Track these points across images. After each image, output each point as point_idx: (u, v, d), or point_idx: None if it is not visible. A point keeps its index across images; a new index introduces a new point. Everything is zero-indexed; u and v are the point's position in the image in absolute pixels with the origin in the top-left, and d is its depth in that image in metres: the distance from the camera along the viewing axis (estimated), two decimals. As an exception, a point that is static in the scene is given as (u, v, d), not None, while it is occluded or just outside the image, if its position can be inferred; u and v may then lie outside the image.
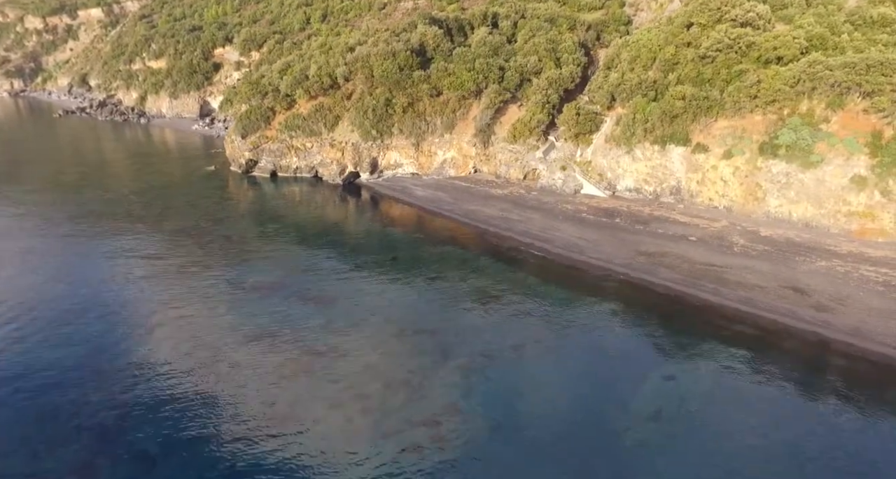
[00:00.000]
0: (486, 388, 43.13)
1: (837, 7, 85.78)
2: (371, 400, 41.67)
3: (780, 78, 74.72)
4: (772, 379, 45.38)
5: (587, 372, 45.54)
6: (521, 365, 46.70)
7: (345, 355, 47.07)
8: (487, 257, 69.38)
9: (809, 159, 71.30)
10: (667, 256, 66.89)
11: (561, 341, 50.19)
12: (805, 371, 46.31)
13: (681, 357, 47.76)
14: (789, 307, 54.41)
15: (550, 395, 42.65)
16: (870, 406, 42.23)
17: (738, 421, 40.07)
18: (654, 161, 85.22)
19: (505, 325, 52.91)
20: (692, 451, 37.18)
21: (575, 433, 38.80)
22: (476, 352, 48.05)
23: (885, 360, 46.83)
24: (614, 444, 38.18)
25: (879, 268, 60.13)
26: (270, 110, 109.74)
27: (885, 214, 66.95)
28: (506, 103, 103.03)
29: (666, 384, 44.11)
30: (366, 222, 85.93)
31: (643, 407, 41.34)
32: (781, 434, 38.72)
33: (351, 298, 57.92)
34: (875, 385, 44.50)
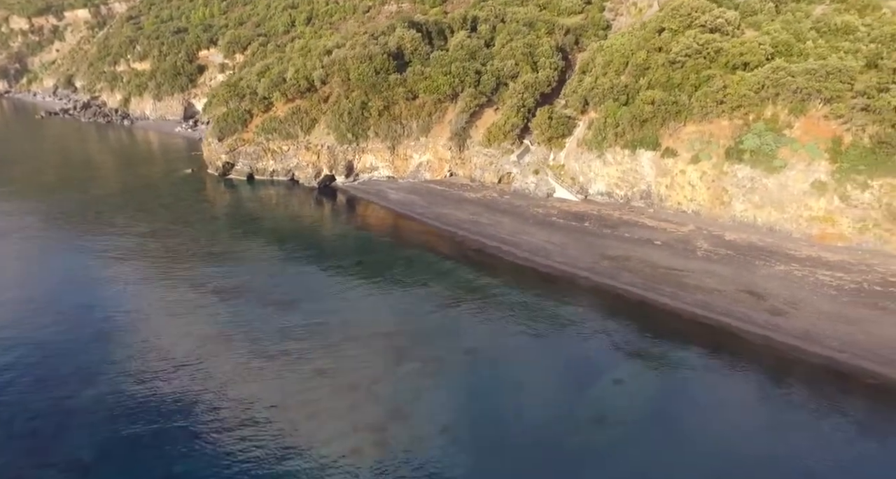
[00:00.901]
0: (435, 393, 43.85)
1: (805, 14, 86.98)
2: (317, 405, 42.27)
3: (745, 83, 75.79)
4: (719, 382, 46.36)
5: (536, 376, 46.32)
6: (472, 369, 47.49)
7: (296, 360, 47.71)
8: (453, 261, 70.09)
9: (772, 164, 72.31)
10: (631, 260, 67.74)
11: (515, 346, 51.00)
12: (752, 374, 47.31)
13: (632, 361, 48.64)
14: (744, 311, 55.32)
15: (497, 399, 43.40)
16: (811, 406, 43.23)
17: (681, 424, 40.93)
18: (625, 165, 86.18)
19: (462, 329, 53.71)
20: (634, 453, 37.94)
21: (518, 436, 39.56)
22: (429, 356, 48.83)
23: (829, 363, 47.80)
24: (558, 447, 38.91)
25: (835, 272, 61.08)
26: (248, 113, 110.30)
27: (844, 219, 67.97)
28: (482, 107, 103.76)
29: (613, 388, 44.99)
30: (337, 226, 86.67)
31: (588, 411, 42.21)
32: (725, 434, 39.58)
33: (312, 301, 58.62)
34: (817, 386, 45.41)
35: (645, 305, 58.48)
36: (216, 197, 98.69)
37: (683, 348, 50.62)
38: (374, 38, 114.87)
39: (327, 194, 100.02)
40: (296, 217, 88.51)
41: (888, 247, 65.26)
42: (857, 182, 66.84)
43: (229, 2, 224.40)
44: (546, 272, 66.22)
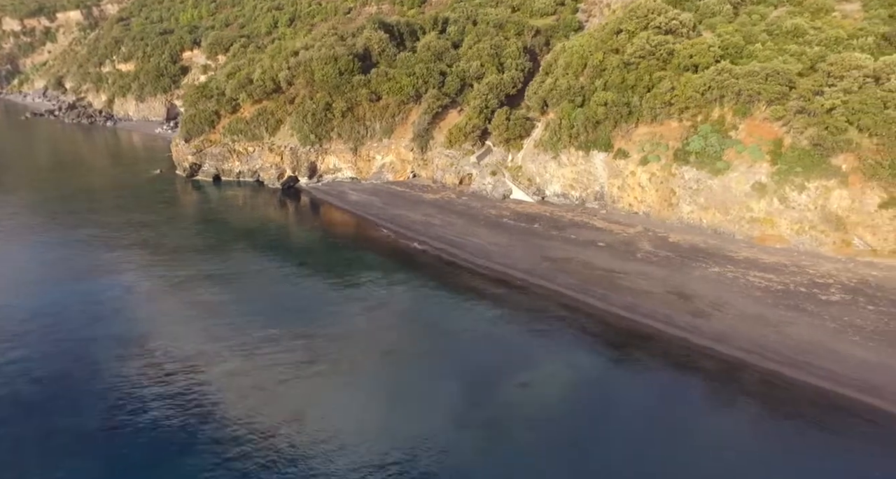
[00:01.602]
0: (340, 395, 44.37)
1: (760, 17, 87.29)
2: (218, 407, 42.89)
3: (692, 85, 76.18)
4: (628, 384, 46.84)
5: (443, 379, 46.83)
6: (383, 371, 48.01)
7: (208, 362, 48.32)
8: (395, 261, 70.76)
9: (716, 166, 72.70)
10: (571, 261, 68.20)
11: (433, 348, 51.61)
12: (657, 376, 47.63)
13: (545, 364, 49.18)
14: (668, 313, 55.74)
15: (398, 402, 43.89)
16: (706, 405, 43.65)
17: (572, 425, 41.36)
18: (579, 167, 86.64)
19: (385, 330, 54.35)
20: (534, 456, 38.47)
21: (411, 438, 40.03)
22: (344, 358, 49.45)
23: (740, 363, 48.21)
24: (453, 449, 39.38)
25: (766, 274, 61.42)
26: (215, 114, 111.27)
27: (783, 221, 68.30)
28: (445, 108, 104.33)
29: (515, 391, 45.39)
30: (288, 227, 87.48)
31: (485, 413, 42.62)
32: (632, 435, 40.05)
33: (240, 302, 59.40)
34: (717, 386, 45.90)
35: (573, 306, 58.89)
36: (176, 198, 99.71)
37: (601, 349, 51.27)
38: (342, 40, 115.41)
39: (290, 196, 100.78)
40: (250, 218, 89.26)
41: (823, 248, 65.52)
42: (794, 184, 67.17)
43: (218, 3, 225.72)
44: (484, 274, 66.75)
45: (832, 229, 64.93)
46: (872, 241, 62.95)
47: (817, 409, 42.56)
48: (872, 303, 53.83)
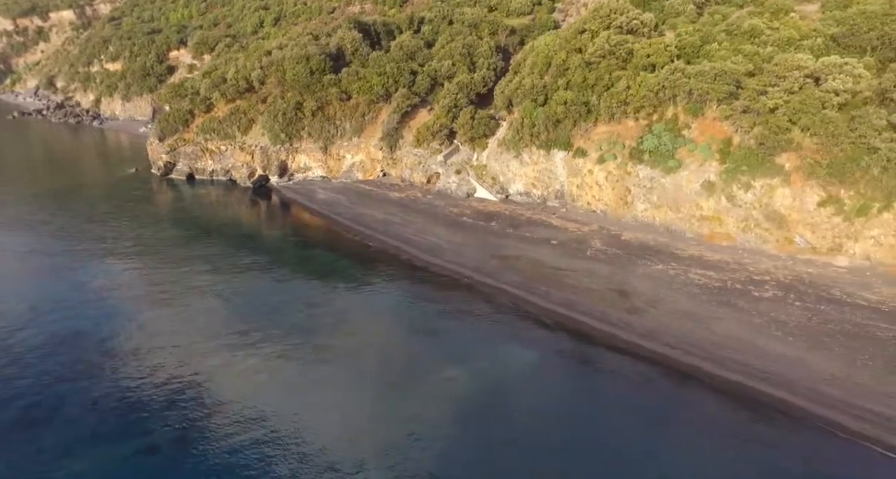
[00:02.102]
0: (266, 390, 45.75)
1: (723, 17, 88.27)
2: (136, 402, 44.32)
3: (647, 85, 77.27)
4: (548, 380, 48.09)
5: (370, 373, 48.08)
6: (309, 365, 49.32)
7: (139, 357, 49.76)
8: (349, 260, 72.21)
9: (668, 165, 73.85)
10: (521, 259, 69.44)
11: (367, 343, 52.84)
12: (584, 370, 49.02)
13: (473, 360, 50.30)
14: (603, 310, 56.97)
15: (319, 397, 45.23)
16: (629, 401, 44.95)
17: (505, 420, 42.69)
18: (541, 165, 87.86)
19: (323, 326, 55.77)
20: (441, 446, 39.86)
21: (329, 430, 41.42)
22: (276, 353, 50.78)
23: (662, 358, 49.38)
24: (365, 441, 40.74)
25: (707, 271, 62.60)
26: (189, 113, 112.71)
27: (730, 219, 69.42)
28: (415, 108, 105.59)
29: (442, 386, 46.68)
30: (250, 225, 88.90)
31: (408, 408, 43.94)
32: (547, 431, 41.35)
33: (188, 300, 60.88)
34: (642, 381, 47.32)
35: (513, 303, 60.10)
36: (145, 196, 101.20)
37: (533, 345, 52.70)
38: (315, 39, 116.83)
39: (261, 194, 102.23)
40: (214, 217, 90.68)
41: (767, 246, 66.64)
42: (741, 182, 68.26)
43: (208, 3, 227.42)
44: (434, 272, 68.13)
45: (775, 227, 66.00)
46: (812, 239, 64.05)
47: (728, 402, 43.74)
48: (801, 299, 54.94)
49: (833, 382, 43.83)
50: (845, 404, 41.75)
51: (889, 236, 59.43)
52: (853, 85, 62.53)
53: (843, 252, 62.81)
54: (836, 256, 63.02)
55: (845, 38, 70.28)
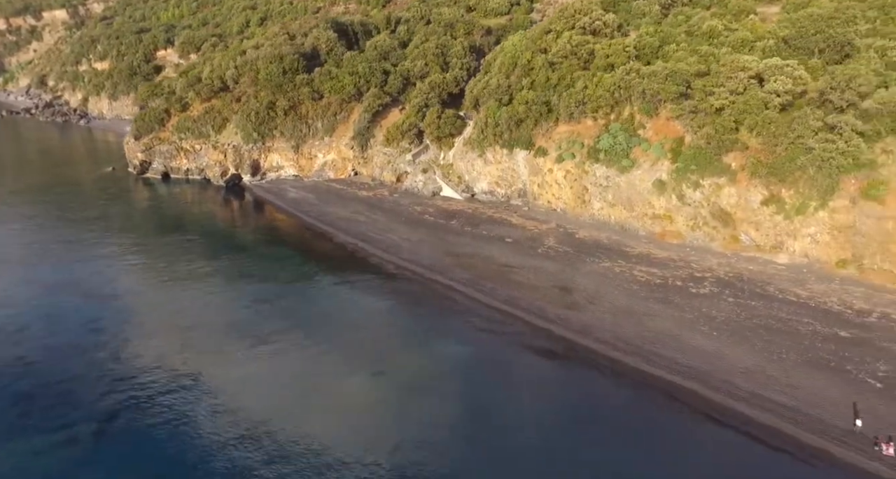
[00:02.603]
0: (193, 387, 47.53)
1: (686, 18, 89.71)
2: (70, 394, 46.21)
3: (603, 85, 78.80)
4: (478, 373, 49.73)
5: (298, 368, 49.76)
6: (242, 360, 51.02)
7: (73, 352, 51.64)
8: (306, 256, 74.17)
9: (622, 164, 75.43)
10: (474, 257, 71.11)
11: (303, 337, 54.40)
12: (514, 362, 50.50)
13: (406, 354, 51.98)
14: (542, 306, 58.56)
15: (252, 386, 47.04)
16: (548, 392, 46.72)
17: (430, 412, 44.45)
18: (504, 164, 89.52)
19: (263, 321, 57.35)
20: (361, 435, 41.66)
21: (245, 423, 43.18)
22: (210, 348, 52.53)
23: (591, 352, 50.98)
24: (290, 430, 42.52)
25: (651, 268, 64.15)
26: (165, 112, 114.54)
27: (680, 217, 70.95)
28: (387, 107, 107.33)
29: (370, 380, 48.36)
30: (219, 223, 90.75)
31: (331, 400, 45.69)
32: (462, 418, 43.17)
33: (135, 295, 62.71)
34: (566, 373, 49.48)
35: (457, 300, 61.70)
36: (118, 195, 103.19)
37: (466, 341, 54.16)
38: (291, 39, 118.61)
39: (234, 193, 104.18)
40: (181, 215, 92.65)
41: (714, 244, 68.18)
42: (690, 181, 69.76)
43: (199, 2, 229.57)
44: (387, 268, 69.99)
45: (722, 226, 67.52)
46: (756, 237, 65.54)
47: (644, 394, 45.28)
48: (735, 295, 56.47)
49: (745, 374, 45.35)
50: (752, 395, 43.25)
51: (824, 234, 60.90)
52: (793, 86, 63.72)
53: (785, 250, 64.28)
54: (777, 253, 64.46)
55: (795, 41, 71.54)
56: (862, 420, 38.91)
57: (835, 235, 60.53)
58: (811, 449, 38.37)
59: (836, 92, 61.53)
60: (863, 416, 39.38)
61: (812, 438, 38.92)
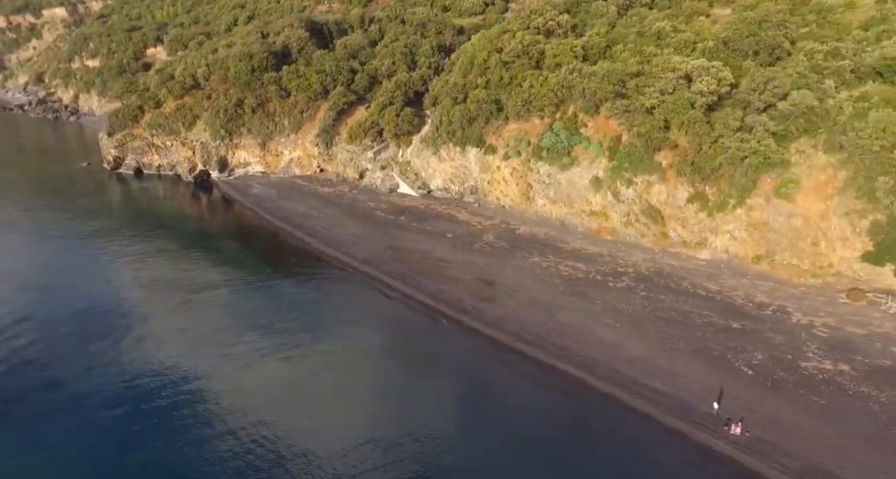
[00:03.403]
0: (114, 368, 50.49)
1: (640, 20, 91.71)
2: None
3: (547, 84, 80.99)
4: (384, 359, 52.37)
5: (202, 356, 52.37)
6: (157, 348, 53.77)
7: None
8: (251, 249, 77.24)
9: (563, 162, 77.57)
10: (412, 251, 73.60)
11: (225, 326, 57.16)
12: (419, 347, 53.45)
13: (318, 341, 54.55)
14: (461, 298, 60.96)
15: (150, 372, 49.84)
16: (445, 378, 49.19)
17: (321, 389, 47.10)
18: (457, 162, 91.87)
19: (192, 311, 60.24)
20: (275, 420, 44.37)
21: (145, 407, 45.98)
22: (133, 336, 55.31)
23: (494, 342, 53.48)
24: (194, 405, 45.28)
25: (578, 263, 66.37)
26: (139, 109, 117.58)
27: (614, 214, 73.08)
28: (353, 105, 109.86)
29: (278, 365, 50.99)
30: (177, 217, 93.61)
31: (228, 384, 48.33)
32: (356, 398, 45.82)
33: (73, 287, 65.54)
34: (467, 360, 51.81)
35: (383, 292, 64.13)
36: (88, 189, 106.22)
37: (380, 329, 56.63)
38: (264, 37, 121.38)
39: (202, 189, 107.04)
40: (144, 209, 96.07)
41: (644, 240, 70.29)
42: (624, 179, 71.86)
43: (194, 1, 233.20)
44: (327, 261, 72.72)
45: (652, 222, 69.60)
46: (683, 233, 67.61)
47: (538, 381, 47.84)
48: (648, 290, 58.61)
49: (633, 363, 47.54)
50: (634, 382, 45.43)
51: (741, 231, 62.89)
52: (717, 86, 65.68)
53: (708, 246, 66.34)
54: (701, 250, 66.51)
55: (733, 43, 73.42)
56: (721, 404, 40.90)
57: (751, 232, 62.43)
58: (671, 431, 40.46)
59: (756, 93, 63.32)
60: (726, 400, 41.33)
61: (673, 420, 41.02)
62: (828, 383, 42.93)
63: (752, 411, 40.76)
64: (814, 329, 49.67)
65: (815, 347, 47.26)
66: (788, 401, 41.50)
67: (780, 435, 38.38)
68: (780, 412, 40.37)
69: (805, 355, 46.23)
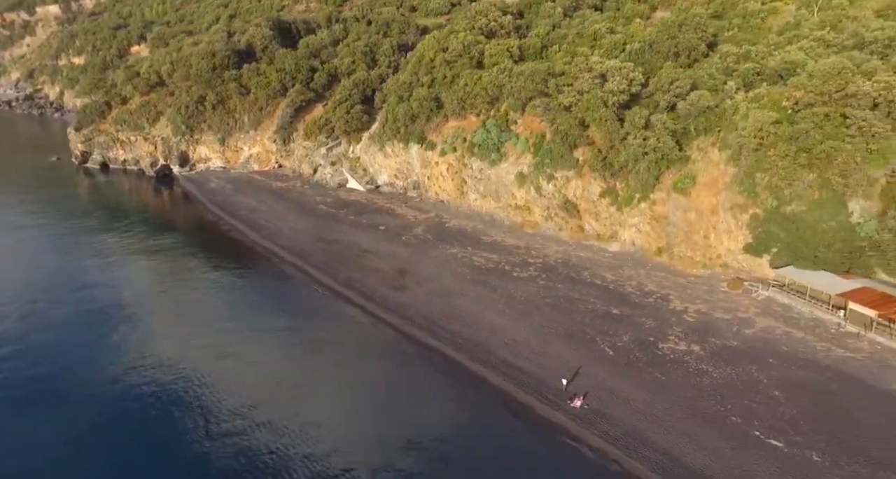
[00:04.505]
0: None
1: (581, 21, 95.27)
2: None
3: (481, 83, 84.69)
4: (278, 340, 56.12)
5: (114, 340, 56.43)
6: (80, 331, 57.92)
7: None
8: (188, 240, 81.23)
9: (492, 158, 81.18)
10: (341, 243, 77.39)
11: (144, 307, 61.36)
12: (313, 333, 57.38)
13: (217, 325, 58.41)
14: (375, 287, 64.62)
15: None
16: (353, 356, 52.78)
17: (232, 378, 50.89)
18: (401, 158, 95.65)
19: (109, 293, 64.28)
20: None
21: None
22: (46, 321, 59.42)
23: (388, 327, 57.03)
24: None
25: (492, 254, 69.95)
26: (106, 105, 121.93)
27: (537, 208, 76.67)
28: (311, 103, 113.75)
29: (168, 344, 54.89)
30: (127, 209, 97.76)
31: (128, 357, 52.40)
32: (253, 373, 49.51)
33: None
34: (358, 342, 55.30)
35: (302, 280, 67.99)
36: (53, 182, 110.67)
37: (299, 314, 60.60)
38: (229, 36, 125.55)
39: (164, 183, 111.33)
40: (100, 201, 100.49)
41: (562, 233, 73.90)
42: (546, 174, 75.39)
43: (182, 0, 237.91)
44: (259, 252, 76.66)
45: (570, 216, 73.18)
46: (597, 226, 71.15)
47: (418, 360, 51.64)
48: (548, 279, 62.27)
49: (509, 345, 51.08)
50: (503, 362, 48.96)
51: (646, 224, 66.36)
52: (628, 86, 69.20)
53: (618, 239, 69.79)
54: (611, 242, 70.06)
55: (656, 45, 76.88)
56: (573, 381, 44.55)
57: (654, 225, 65.92)
58: (521, 404, 44.03)
59: (661, 93, 66.81)
60: (582, 378, 45.05)
61: (525, 396, 44.53)
62: (675, 361, 46.20)
63: (600, 387, 44.19)
64: (685, 315, 52.90)
65: (679, 330, 50.45)
66: (634, 378, 44.87)
67: (613, 407, 41.86)
68: (622, 388, 43.80)
69: (666, 338, 49.52)
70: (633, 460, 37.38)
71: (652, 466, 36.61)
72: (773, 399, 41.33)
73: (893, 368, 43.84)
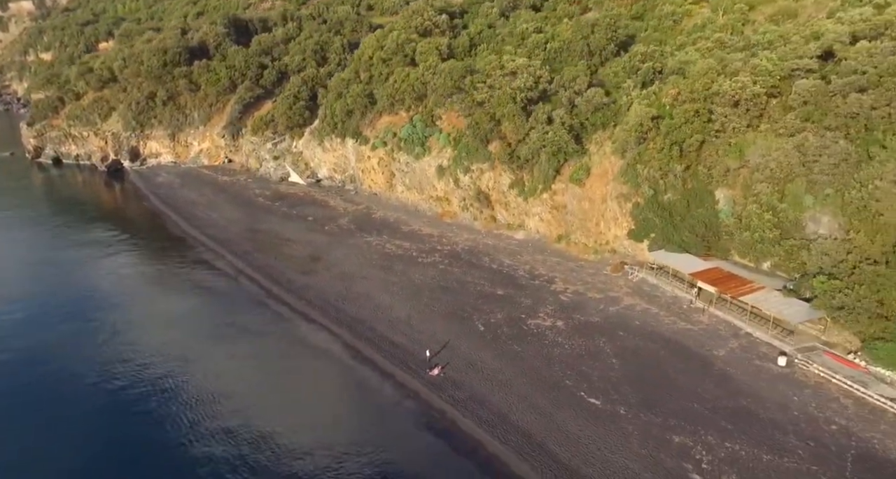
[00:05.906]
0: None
1: (515, 20, 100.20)
2: None
3: (408, 80, 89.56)
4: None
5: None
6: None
7: None
8: (123, 232, 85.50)
9: (416, 152, 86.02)
10: (267, 233, 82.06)
11: (65, 299, 66.12)
12: (213, 311, 62.05)
13: (113, 308, 63.16)
14: (283, 271, 69.47)
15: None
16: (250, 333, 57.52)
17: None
18: (338, 152, 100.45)
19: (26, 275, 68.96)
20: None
21: None
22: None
23: (283, 305, 61.73)
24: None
25: (405, 242, 74.76)
26: (59, 100, 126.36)
27: (455, 199, 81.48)
28: (261, 99, 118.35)
29: (82, 325, 59.59)
30: (74, 203, 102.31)
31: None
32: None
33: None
34: (258, 318, 59.94)
35: (217, 265, 72.73)
36: (1, 176, 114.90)
37: (193, 295, 65.06)
38: (183, 33, 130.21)
39: (115, 177, 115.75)
40: (43, 195, 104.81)
41: (476, 223, 78.70)
42: (463, 167, 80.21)
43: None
44: (189, 243, 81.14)
45: (483, 206, 78.00)
46: (507, 216, 75.99)
47: (310, 335, 56.45)
48: (449, 264, 67.16)
49: (391, 323, 55.92)
50: (381, 337, 53.79)
51: (547, 213, 71.24)
52: (534, 83, 74.13)
53: (524, 227, 74.63)
54: (518, 231, 74.93)
55: (571, 44, 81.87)
56: (439, 354, 49.35)
57: (554, 214, 70.83)
58: (385, 373, 48.83)
59: (563, 90, 71.77)
60: (448, 350, 49.98)
61: (390, 366, 49.34)
62: (536, 335, 51.09)
63: (461, 358, 49.02)
64: (562, 295, 57.79)
65: (551, 309, 55.31)
66: (495, 349, 49.74)
67: (466, 376, 46.71)
68: (480, 358, 48.67)
69: (537, 315, 54.41)
70: (467, 419, 42.15)
71: (481, 423, 41.54)
72: (609, 366, 46.20)
73: (720, 336, 48.82)
